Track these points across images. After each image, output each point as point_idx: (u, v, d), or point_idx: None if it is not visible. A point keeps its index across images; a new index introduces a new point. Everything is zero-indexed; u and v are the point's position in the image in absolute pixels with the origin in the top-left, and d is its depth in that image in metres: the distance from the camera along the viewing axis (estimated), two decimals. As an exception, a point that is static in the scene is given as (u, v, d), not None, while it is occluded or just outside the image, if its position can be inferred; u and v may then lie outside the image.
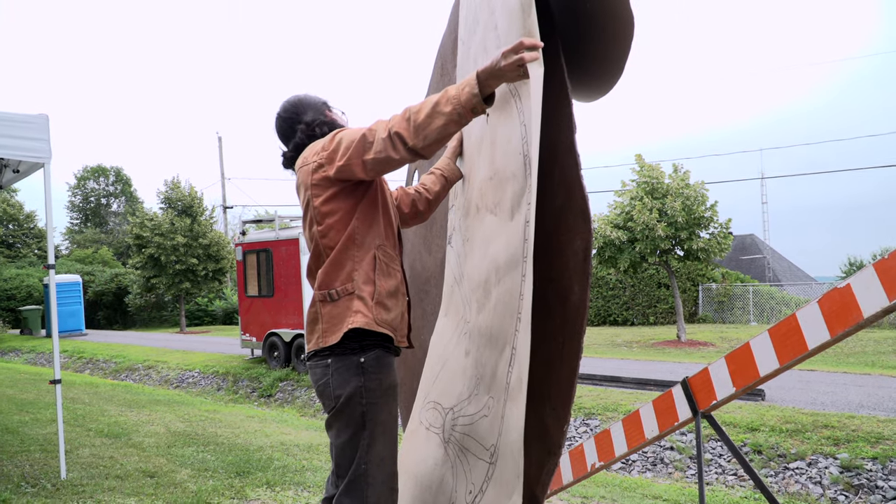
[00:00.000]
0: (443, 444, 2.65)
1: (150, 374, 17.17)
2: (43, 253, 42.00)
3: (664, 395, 3.27)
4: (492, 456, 2.19)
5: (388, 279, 2.31)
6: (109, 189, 57.78)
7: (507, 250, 2.21)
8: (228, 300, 32.89)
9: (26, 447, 5.92)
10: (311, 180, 2.28)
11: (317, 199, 2.27)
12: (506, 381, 2.11)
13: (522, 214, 2.10)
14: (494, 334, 2.26)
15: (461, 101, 2.01)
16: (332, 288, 2.26)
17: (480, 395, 2.36)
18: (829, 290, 2.51)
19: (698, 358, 14.55)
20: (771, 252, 32.65)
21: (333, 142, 2.25)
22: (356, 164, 2.17)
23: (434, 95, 2.08)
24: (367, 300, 2.24)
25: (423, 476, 2.71)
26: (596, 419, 9.34)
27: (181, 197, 28.41)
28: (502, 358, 2.17)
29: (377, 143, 2.12)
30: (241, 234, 16.65)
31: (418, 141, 2.06)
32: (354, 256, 2.27)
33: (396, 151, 2.09)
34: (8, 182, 6.05)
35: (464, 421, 2.48)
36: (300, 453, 6.20)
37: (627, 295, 24.51)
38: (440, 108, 2.03)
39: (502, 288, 2.22)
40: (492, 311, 2.31)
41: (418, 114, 2.06)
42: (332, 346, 2.23)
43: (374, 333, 2.25)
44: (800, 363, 2.71)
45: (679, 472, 7.86)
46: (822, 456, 7.36)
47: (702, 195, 16.42)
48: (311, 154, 2.32)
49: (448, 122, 2.03)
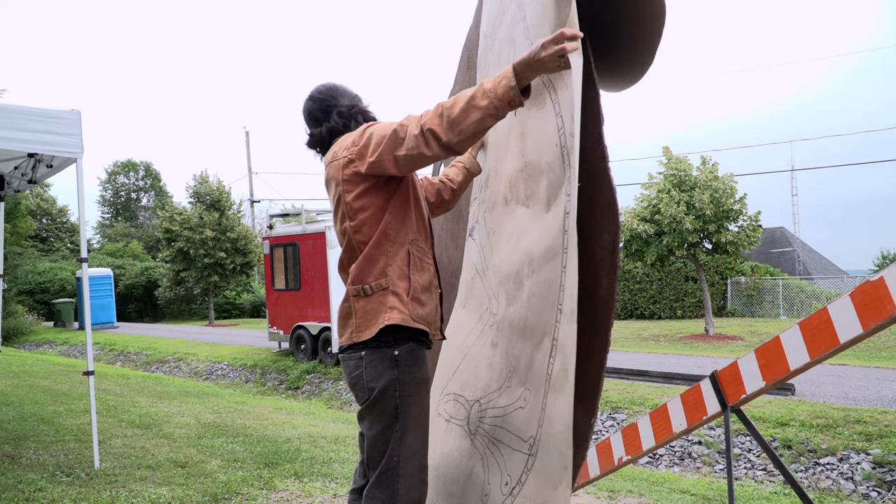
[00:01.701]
0: (468, 436, 2.65)
1: (179, 367, 17.41)
2: (75, 247, 42.72)
3: (692, 389, 3.25)
4: (531, 447, 2.19)
5: (422, 273, 2.31)
6: (139, 184, 58.63)
7: (542, 242, 2.20)
8: (256, 293, 33.22)
9: (61, 437, 6.04)
10: (342, 175, 2.26)
11: (349, 195, 2.26)
12: (546, 372, 2.11)
13: (561, 206, 2.09)
14: (529, 326, 2.26)
15: (498, 93, 1.98)
16: (366, 283, 2.26)
17: (514, 387, 2.36)
18: (862, 283, 2.47)
19: (727, 352, 14.40)
20: (801, 245, 32.19)
21: (364, 136, 2.22)
22: (388, 160, 2.14)
23: (467, 90, 2.05)
24: (403, 296, 2.24)
25: (447, 468, 2.71)
26: (623, 413, 9.29)
27: (209, 191, 28.73)
28: (539, 350, 2.17)
29: (409, 140, 2.09)
30: (268, 227, 16.80)
31: (452, 136, 2.03)
32: (388, 251, 2.26)
33: (429, 148, 2.07)
34: (41, 177, 6.15)
35: (494, 413, 2.48)
36: (327, 445, 6.25)
37: (654, 288, 24.31)
38: (476, 101, 2.00)
39: (537, 279, 2.22)
40: (525, 304, 2.30)
41: (452, 109, 2.03)
42: (366, 340, 2.24)
43: (409, 328, 2.25)
44: (831, 357, 2.67)
45: (707, 466, 7.80)
46: (854, 451, 7.25)
47: (730, 187, 16.21)
48: (342, 149, 2.29)
49: (484, 116, 2.00)
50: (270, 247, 16.24)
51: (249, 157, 35.53)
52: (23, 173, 6.24)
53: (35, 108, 4.89)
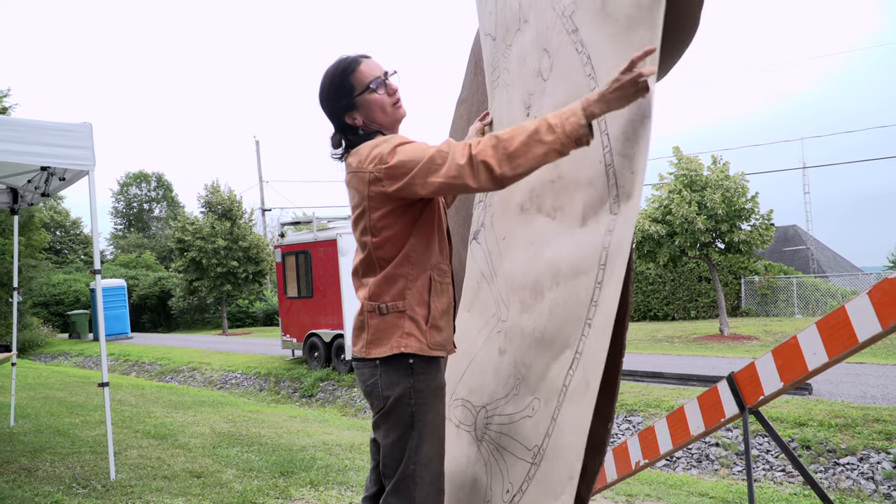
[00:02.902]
0: (475, 442, 2.63)
1: (194, 376, 17.47)
2: (89, 258, 43.04)
3: (709, 391, 3.22)
4: (534, 456, 2.18)
5: (442, 297, 2.27)
6: (151, 194, 59.04)
7: (572, 256, 2.18)
8: (269, 301, 33.34)
9: (77, 449, 6.06)
10: (368, 192, 2.16)
11: (374, 212, 2.18)
12: (563, 383, 2.09)
13: (601, 223, 2.07)
14: (548, 337, 2.24)
15: (566, 130, 1.91)
16: (382, 301, 2.21)
17: (521, 395, 2.34)
18: (880, 281, 2.44)
19: (742, 352, 14.30)
20: (814, 242, 31.95)
21: (394, 156, 2.10)
22: (419, 184, 2.06)
23: (525, 123, 1.99)
24: (421, 323, 2.20)
25: (456, 474, 2.70)
26: (638, 416, 9.24)
27: (221, 201, 28.86)
28: (558, 361, 2.15)
29: (451, 168, 2.01)
30: (279, 236, 16.85)
31: (508, 169, 1.96)
32: (408, 274, 2.21)
33: (477, 179, 1.99)
34: (54, 190, 6.19)
35: (500, 420, 2.46)
36: (342, 453, 6.24)
37: (667, 289, 24.20)
38: (540, 136, 1.93)
39: (562, 292, 2.20)
40: (546, 315, 2.28)
41: (510, 141, 1.96)
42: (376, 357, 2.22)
43: (424, 356, 2.21)
44: (850, 357, 2.64)
45: (725, 468, 7.73)
46: (874, 451, 7.17)
47: (742, 186, 16.12)
48: (368, 160, 2.17)
49: (549, 152, 1.94)
50: (282, 255, 16.28)
51: (260, 166, 35.75)
52: (36, 186, 6.28)
53: (47, 122, 4.92)
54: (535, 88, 2.52)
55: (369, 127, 2.29)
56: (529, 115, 2.55)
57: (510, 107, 2.75)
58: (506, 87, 2.81)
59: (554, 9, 2.40)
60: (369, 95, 2.26)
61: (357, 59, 2.29)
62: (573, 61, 2.25)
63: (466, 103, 3.43)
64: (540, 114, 2.43)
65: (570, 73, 2.27)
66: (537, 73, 2.49)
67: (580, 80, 2.20)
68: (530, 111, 2.54)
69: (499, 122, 2.88)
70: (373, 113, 2.27)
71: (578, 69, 2.21)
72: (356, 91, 2.26)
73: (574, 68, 2.24)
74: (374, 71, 2.27)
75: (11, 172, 6.15)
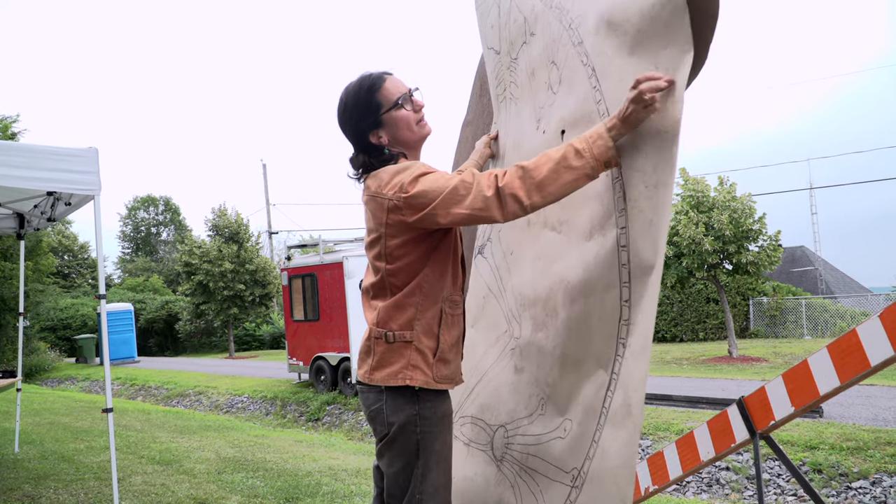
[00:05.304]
0: (494, 462, 2.59)
1: (200, 400, 17.41)
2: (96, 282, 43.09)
3: (719, 416, 3.17)
4: (574, 479, 2.11)
5: (452, 329, 2.22)
6: (159, 218, 59.38)
7: (579, 270, 2.16)
8: (275, 325, 33.28)
9: (81, 475, 6.02)
10: (387, 220, 2.12)
11: (391, 240, 2.14)
12: (602, 406, 2.04)
13: (609, 237, 2.04)
14: (571, 356, 2.20)
15: (594, 154, 1.90)
16: (390, 329, 2.16)
17: (549, 415, 2.30)
18: (892, 304, 2.40)
19: (751, 374, 14.17)
20: (822, 263, 31.83)
21: (415, 186, 2.05)
22: (441, 214, 2.01)
23: (550, 151, 1.96)
24: (428, 356, 2.16)
25: (472, 493, 2.65)
26: (647, 439, 9.14)
27: (228, 224, 28.96)
28: (589, 381, 2.11)
29: (476, 199, 1.97)
30: (286, 259, 16.87)
31: (538, 198, 1.93)
32: (419, 304, 2.16)
33: (504, 212, 1.96)
34: (61, 215, 6.21)
35: (525, 440, 2.41)
36: (348, 478, 6.18)
37: (675, 311, 24.08)
38: (569, 162, 1.91)
39: (578, 309, 2.17)
40: (562, 332, 2.25)
41: (537, 171, 1.93)
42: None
43: (430, 390, 2.17)
44: (862, 381, 2.60)
45: (736, 493, 7.62)
46: (887, 474, 7.07)
47: (749, 207, 16.10)
48: (388, 186, 2.11)
49: (579, 178, 1.92)
50: (289, 278, 16.27)
51: (267, 189, 35.90)
52: (42, 211, 6.30)
53: (53, 147, 4.94)
54: (545, 101, 2.51)
55: (394, 146, 2.24)
56: (539, 127, 2.53)
57: (519, 120, 2.74)
58: (514, 101, 2.81)
59: (560, 21, 2.40)
60: (396, 112, 2.21)
61: (381, 75, 2.25)
62: (579, 73, 2.25)
63: (472, 125, 3.43)
64: (549, 126, 2.43)
65: (577, 84, 2.27)
66: (547, 85, 2.49)
67: (587, 93, 2.20)
68: (540, 123, 2.54)
69: (505, 134, 2.88)
70: (399, 130, 2.23)
71: (584, 81, 2.21)
72: (383, 108, 2.21)
73: (580, 80, 2.24)
74: (399, 87, 2.23)
75: (18, 198, 6.18)
